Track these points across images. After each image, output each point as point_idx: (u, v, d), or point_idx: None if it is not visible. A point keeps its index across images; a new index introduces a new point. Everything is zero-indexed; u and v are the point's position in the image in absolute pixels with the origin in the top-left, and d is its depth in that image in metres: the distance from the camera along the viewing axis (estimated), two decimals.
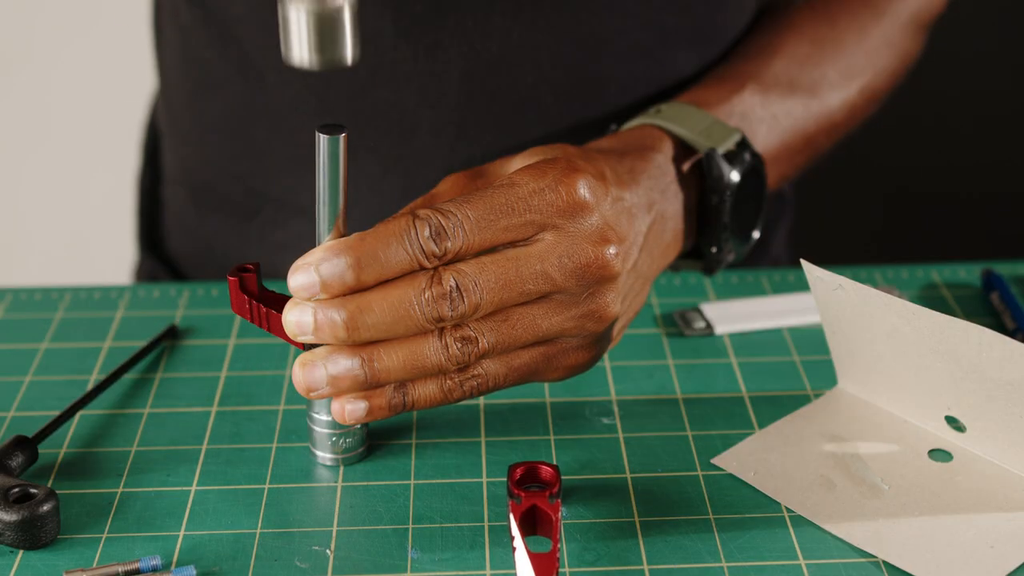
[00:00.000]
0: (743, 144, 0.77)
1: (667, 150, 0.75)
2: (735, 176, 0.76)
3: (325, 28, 0.58)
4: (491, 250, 0.64)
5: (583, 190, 0.65)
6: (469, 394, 0.66)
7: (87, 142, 1.89)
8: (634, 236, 0.69)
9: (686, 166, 0.75)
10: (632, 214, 0.69)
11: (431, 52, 0.85)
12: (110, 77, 1.80)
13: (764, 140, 0.82)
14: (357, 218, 0.82)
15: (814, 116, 0.86)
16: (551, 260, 0.64)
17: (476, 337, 0.64)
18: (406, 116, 0.87)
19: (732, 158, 0.76)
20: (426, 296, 0.62)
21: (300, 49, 0.59)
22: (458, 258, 0.63)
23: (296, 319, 0.63)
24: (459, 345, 0.64)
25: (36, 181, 1.95)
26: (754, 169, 0.78)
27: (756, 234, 0.80)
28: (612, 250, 0.66)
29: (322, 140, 0.61)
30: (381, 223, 0.63)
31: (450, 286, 0.62)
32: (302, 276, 0.62)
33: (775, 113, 0.83)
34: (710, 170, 0.75)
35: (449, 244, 0.63)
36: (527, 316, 0.65)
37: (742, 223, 0.78)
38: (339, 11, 0.58)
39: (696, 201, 0.76)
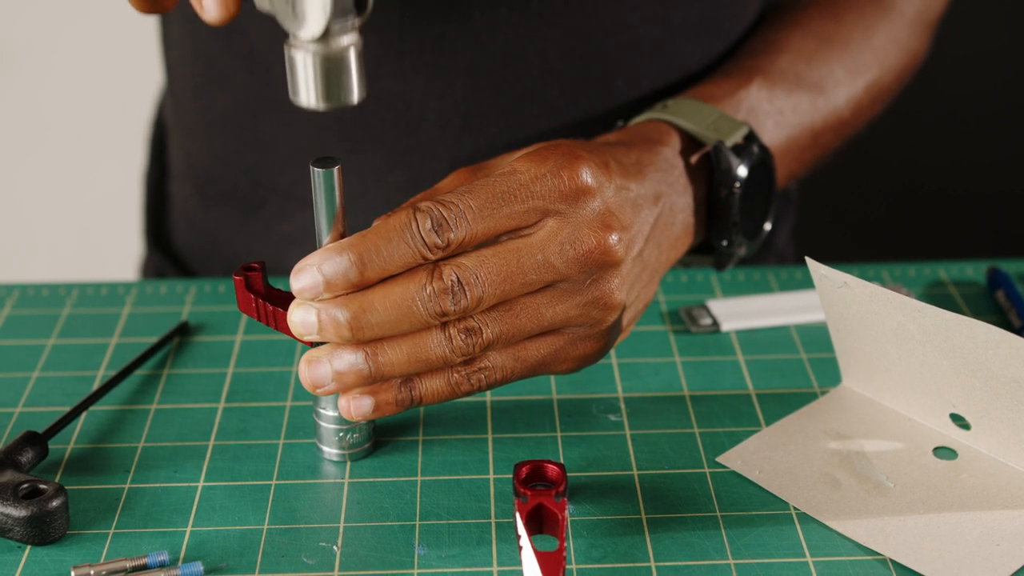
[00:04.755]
0: (751, 137, 0.77)
1: (675, 144, 0.75)
2: (743, 169, 0.76)
3: (332, 72, 0.59)
4: (495, 240, 0.64)
5: (585, 175, 0.65)
6: (477, 387, 0.66)
7: (94, 138, 1.90)
8: (639, 225, 0.69)
9: (694, 159, 0.76)
10: (637, 204, 0.69)
11: (437, 44, 0.85)
12: (117, 73, 1.80)
13: (771, 134, 0.82)
14: (362, 212, 0.82)
15: (821, 112, 0.86)
16: (552, 248, 0.64)
17: (480, 328, 0.64)
18: (412, 107, 0.87)
19: (740, 151, 0.76)
20: (427, 291, 0.62)
21: (307, 93, 0.60)
22: (462, 248, 0.63)
23: (300, 319, 0.63)
24: (463, 336, 0.64)
25: (43, 177, 1.95)
26: (762, 162, 0.78)
27: (767, 226, 0.80)
28: (614, 237, 0.66)
29: (317, 174, 0.62)
30: (382, 218, 0.63)
31: (451, 281, 0.62)
32: (306, 277, 0.62)
33: (782, 108, 0.83)
34: (718, 163, 0.76)
35: (452, 235, 0.63)
36: (531, 306, 0.65)
37: (752, 216, 0.78)
38: (345, 54, 0.59)
39: (705, 195, 0.76)
